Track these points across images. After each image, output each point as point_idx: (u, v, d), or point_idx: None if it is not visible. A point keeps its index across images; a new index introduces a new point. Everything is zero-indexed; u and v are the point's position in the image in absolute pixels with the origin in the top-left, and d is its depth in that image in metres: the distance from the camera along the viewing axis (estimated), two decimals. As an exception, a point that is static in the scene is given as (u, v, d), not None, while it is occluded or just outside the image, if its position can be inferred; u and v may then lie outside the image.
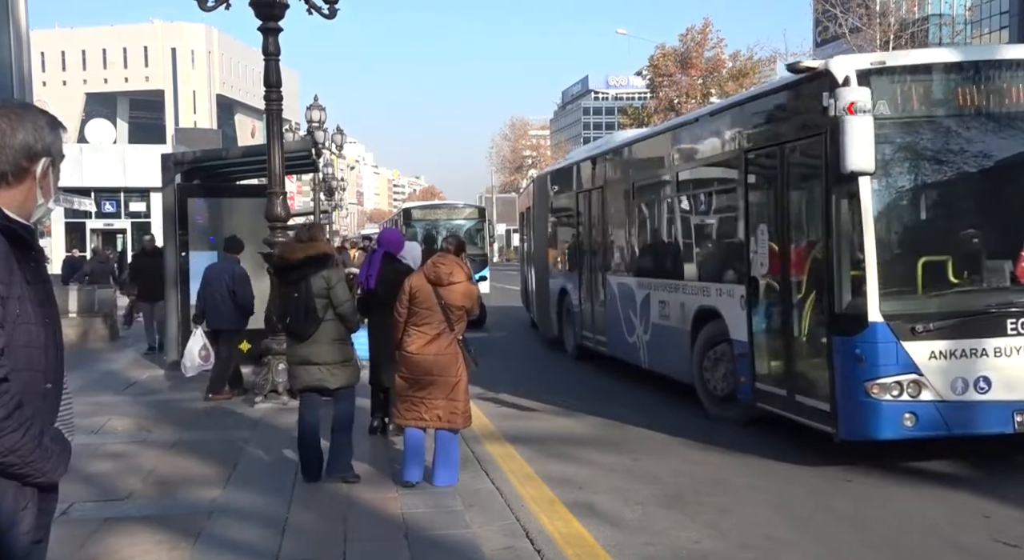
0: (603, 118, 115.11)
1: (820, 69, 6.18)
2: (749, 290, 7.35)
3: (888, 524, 5.13)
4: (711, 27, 43.68)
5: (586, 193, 12.31)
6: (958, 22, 53.04)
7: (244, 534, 4.88)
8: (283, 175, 9.21)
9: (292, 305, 5.76)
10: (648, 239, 10.48)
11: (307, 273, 5.76)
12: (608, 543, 4.83)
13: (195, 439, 7.28)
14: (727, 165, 8.15)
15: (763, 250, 7.20)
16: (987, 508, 5.31)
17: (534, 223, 15.53)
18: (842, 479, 6.11)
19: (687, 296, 8.77)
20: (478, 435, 7.24)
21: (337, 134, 27.12)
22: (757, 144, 7.43)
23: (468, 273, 5.88)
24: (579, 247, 12.61)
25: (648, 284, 9.80)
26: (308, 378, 5.82)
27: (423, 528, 4.92)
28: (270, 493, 5.61)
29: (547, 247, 14.38)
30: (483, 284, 21.45)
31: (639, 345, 10.04)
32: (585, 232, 12.39)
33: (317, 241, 5.95)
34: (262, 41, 8.89)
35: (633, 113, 47.29)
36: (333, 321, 5.79)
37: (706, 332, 8.31)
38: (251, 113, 71.80)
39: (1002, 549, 4.64)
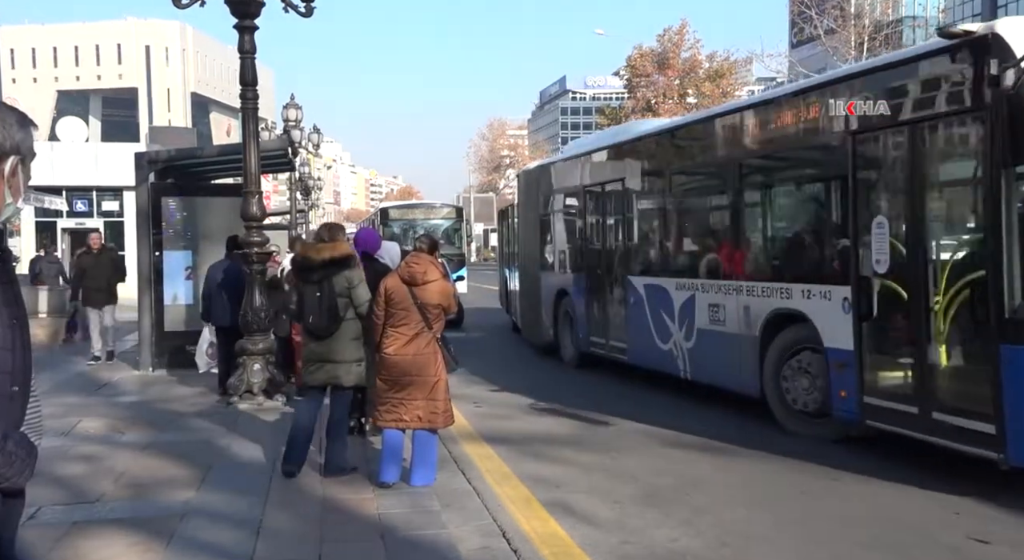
0: (581, 118, 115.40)
1: (986, 33, 5.29)
2: (858, 291, 6.41)
3: (865, 521, 5.17)
4: (688, 28, 43.98)
5: (597, 187, 11.35)
6: (932, 24, 53.78)
7: (218, 536, 4.83)
8: (259, 174, 9.14)
9: (314, 304, 5.87)
10: (693, 236, 9.67)
11: (330, 273, 5.87)
12: (585, 542, 4.83)
13: (169, 441, 7.19)
14: (822, 150, 7.20)
15: (881, 246, 6.22)
16: (958, 505, 5.37)
17: (521, 221, 14.62)
18: (816, 478, 6.15)
19: (754, 299, 7.84)
20: (456, 435, 7.22)
21: (314, 133, 26.98)
22: (874, 125, 6.37)
23: (443, 271, 5.86)
24: (586, 246, 11.79)
25: (692, 286, 8.89)
26: (323, 376, 5.95)
27: (399, 528, 4.90)
28: (245, 494, 5.55)
29: (540, 246, 13.46)
30: (461, 284, 21.42)
31: (677, 353, 9.13)
32: (595, 230, 11.55)
33: (338, 241, 6.04)
34: (238, 39, 8.82)
35: (611, 113, 47.42)
36: (353, 320, 5.92)
37: (783, 339, 7.49)
38: (227, 111, 71.23)
39: (973, 545, 4.69)
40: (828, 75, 7.99)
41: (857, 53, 34.34)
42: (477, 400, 9.34)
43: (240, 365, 8.65)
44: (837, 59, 36.17)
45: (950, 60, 5.71)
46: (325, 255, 5.91)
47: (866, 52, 34.26)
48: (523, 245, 14.47)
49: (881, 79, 6.50)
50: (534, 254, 13.65)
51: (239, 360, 8.67)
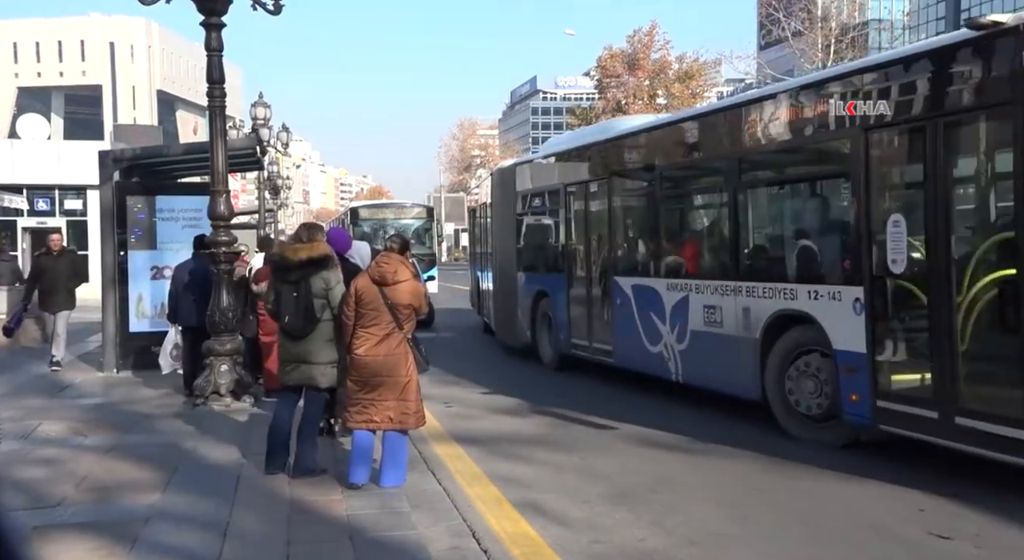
0: (551, 118, 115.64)
1: (1017, 24, 5.11)
2: (871, 292, 6.22)
3: (832, 519, 5.22)
4: (658, 29, 44.27)
5: (580, 185, 11.04)
6: (897, 27, 54.64)
7: (183, 539, 4.76)
8: (226, 173, 9.05)
9: (291, 304, 5.85)
10: (687, 236, 9.53)
11: (308, 273, 5.83)
12: (555, 542, 4.83)
13: (133, 443, 7.07)
14: (830, 146, 7.00)
15: (897, 245, 6.03)
16: (921, 501, 5.45)
17: (495, 220, 14.23)
18: (781, 473, 6.22)
19: (755, 300, 7.57)
20: (426, 436, 7.18)
21: (283, 132, 26.77)
22: (891, 120, 6.16)
23: (413, 271, 5.83)
24: (567, 246, 11.51)
25: (685, 286, 8.65)
26: (299, 376, 5.93)
27: (368, 529, 4.86)
28: (211, 496, 5.48)
29: (516, 246, 13.11)
30: (431, 284, 21.36)
31: (668, 355, 8.89)
32: (577, 229, 11.27)
33: (317, 242, 6.00)
34: (204, 36, 8.72)
35: (581, 113, 47.61)
36: (329, 321, 5.87)
37: (787, 341, 7.25)
38: (193, 109, 70.38)
39: (936, 541, 4.76)
40: (840, 68, 7.65)
41: (824, 55, 34.77)
42: (448, 400, 9.31)
43: (207, 366, 8.54)
44: (805, 61, 36.62)
45: (977, 52, 5.50)
46: (302, 255, 5.88)
47: (833, 54, 34.71)
48: (498, 245, 14.07)
49: (898, 72, 6.24)
50: (510, 254, 13.30)
51: (206, 361, 8.56)
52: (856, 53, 36.52)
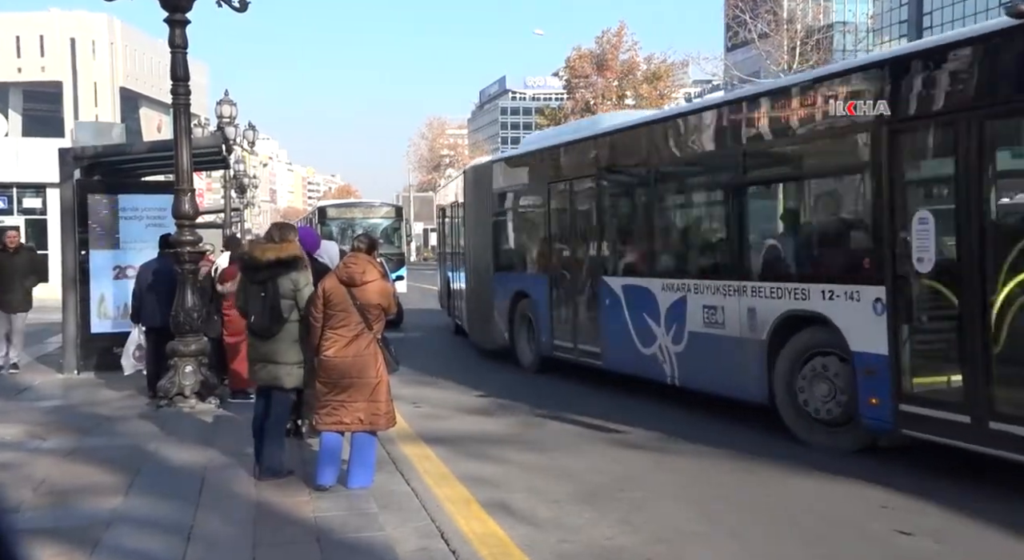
0: (520, 118, 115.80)
1: None
2: (894, 291, 6.01)
3: (795, 517, 5.28)
4: (626, 30, 44.52)
5: (566, 183, 10.72)
6: (860, 30, 55.59)
7: (146, 543, 4.68)
8: (191, 171, 8.95)
9: (257, 304, 5.85)
10: (683, 234, 9.26)
11: (276, 274, 5.80)
12: (523, 542, 4.83)
13: (94, 446, 6.95)
14: (850, 140, 6.66)
15: (924, 244, 5.79)
16: (884, 498, 5.52)
17: (469, 219, 13.76)
18: (748, 472, 6.27)
19: (761, 300, 7.34)
20: (394, 436, 7.14)
21: (249, 130, 26.51)
22: (918, 113, 5.97)
23: (381, 271, 5.79)
24: (551, 245, 11.20)
25: (682, 287, 8.36)
26: (266, 376, 5.92)
27: (336, 531, 4.82)
28: (175, 500, 5.40)
29: (493, 245, 12.71)
30: (400, 284, 21.26)
31: (663, 358, 8.63)
32: (561, 228, 10.96)
33: (288, 242, 5.95)
34: (168, 33, 8.61)
35: (550, 114, 47.72)
36: (296, 322, 5.83)
37: (798, 343, 7.03)
38: (157, 107, 69.29)
39: (899, 537, 4.83)
40: (860, 60, 7.50)
41: (790, 57, 35.23)
42: (417, 400, 9.28)
43: (171, 367, 8.43)
44: (771, 63, 37.07)
45: (1015, 42, 5.29)
46: (271, 255, 5.84)
47: (798, 56, 35.17)
48: (472, 244, 13.56)
49: (928, 63, 5.97)
50: (485, 254, 12.89)
51: (170, 362, 8.44)
52: (821, 55, 37.08)
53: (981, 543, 4.70)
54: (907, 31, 67.82)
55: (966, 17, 61.16)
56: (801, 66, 34.77)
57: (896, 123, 6.06)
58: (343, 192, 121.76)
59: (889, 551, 4.64)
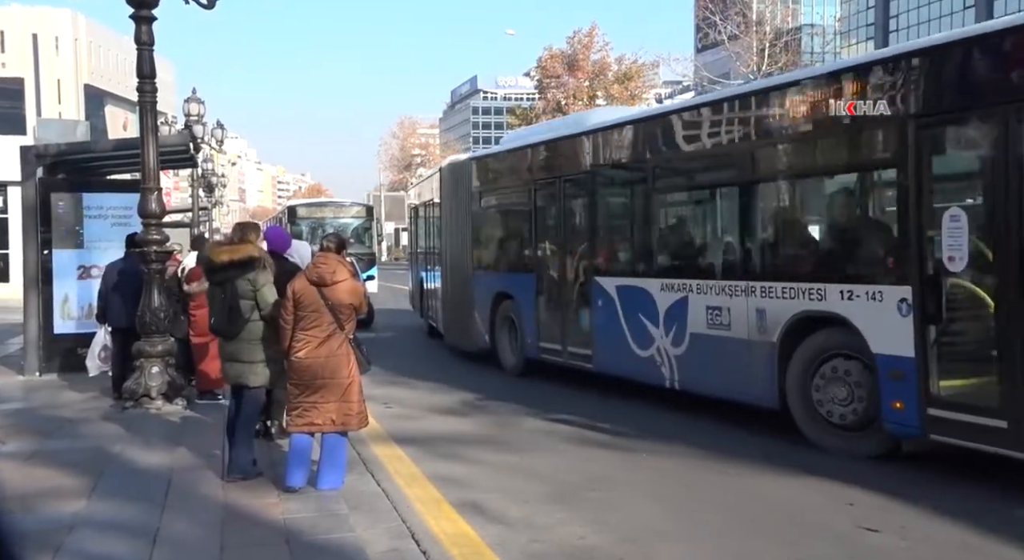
0: (492, 118, 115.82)
1: None
2: (922, 291, 5.80)
3: (763, 514, 5.32)
4: (597, 31, 44.68)
5: (552, 180, 10.42)
6: (828, 32, 56.35)
7: (110, 546, 4.61)
8: (158, 170, 8.82)
9: (217, 305, 5.95)
10: (684, 233, 9.03)
11: (232, 275, 5.83)
12: (494, 541, 4.82)
13: (56, 449, 6.82)
14: (875, 134, 6.44)
15: (956, 242, 5.57)
16: (851, 496, 5.59)
17: (446, 218, 13.30)
18: (720, 472, 6.31)
19: (772, 300, 7.11)
20: (365, 437, 7.10)
21: (217, 128, 26.19)
22: (948, 106, 5.76)
23: (351, 270, 5.75)
24: (536, 245, 10.86)
25: (683, 287, 8.11)
26: (233, 374, 5.99)
27: (305, 533, 4.78)
28: (140, 502, 5.31)
29: (472, 245, 12.29)
30: (371, 284, 21.14)
31: (661, 360, 8.39)
32: (548, 227, 10.64)
33: (245, 244, 5.96)
34: (134, 30, 8.49)
35: (522, 114, 47.77)
36: (259, 321, 5.85)
37: (813, 344, 6.80)
38: (123, 104, 68.25)
39: (864, 534, 4.89)
40: (890, 50, 7.08)
41: (759, 59, 35.58)
42: (388, 401, 9.23)
43: (138, 368, 8.30)
44: (740, 64, 37.42)
45: None
46: (224, 258, 5.88)
47: (767, 58, 35.53)
48: (449, 244, 13.14)
49: (962, 54, 5.75)
50: (463, 253, 12.50)
51: (136, 363, 8.32)
52: (790, 57, 37.50)
53: (945, 539, 4.76)
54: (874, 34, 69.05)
55: (931, 21, 62.23)
56: (770, 68, 35.15)
57: (925, 117, 5.85)
58: (313, 191, 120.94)
59: (856, 548, 4.70)
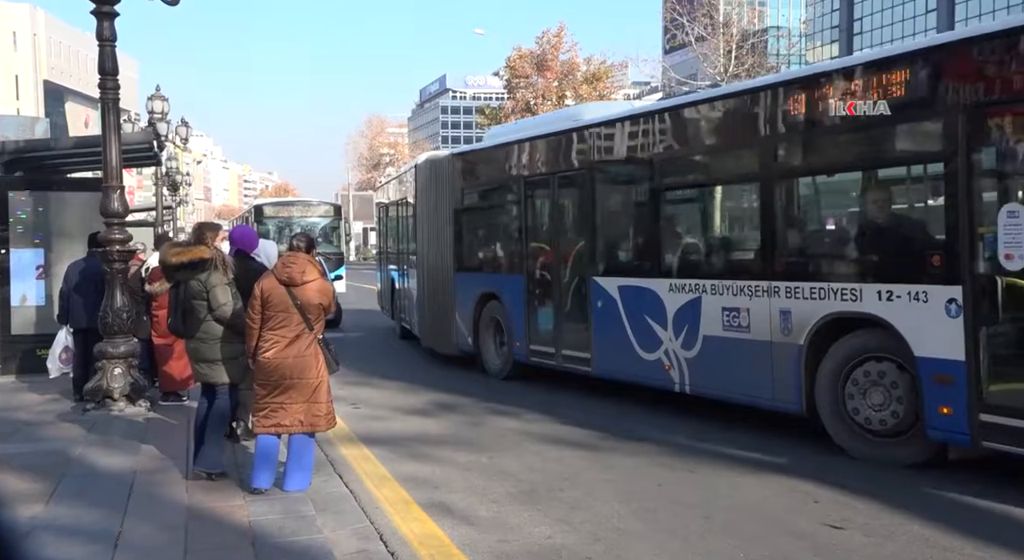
0: (461, 117, 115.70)
1: None
2: (973, 291, 5.55)
3: (730, 512, 5.36)
4: (566, 31, 44.80)
5: (547, 177, 10.00)
6: (794, 34, 57.08)
7: (69, 552, 4.51)
8: (120, 168, 8.69)
9: (173, 305, 6.11)
10: (697, 230, 8.71)
11: (184, 276, 5.94)
12: (463, 542, 4.81)
13: (13, 452, 6.68)
14: (922, 126, 6.18)
15: (1015, 239, 5.33)
16: (815, 493, 5.65)
17: (422, 217, 12.75)
18: (689, 471, 6.35)
19: (799, 302, 6.78)
20: (332, 438, 7.05)
21: (182, 126, 25.86)
22: (1008, 96, 5.42)
23: (321, 270, 5.71)
24: (526, 244, 10.39)
25: (695, 287, 7.78)
26: (199, 373, 6.10)
27: (272, 535, 4.73)
28: (101, 506, 5.22)
29: (453, 244, 11.76)
30: (339, 284, 20.98)
31: (670, 364, 8.06)
32: (540, 225, 10.32)
33: (200, 245, 5.99)
34: (96, 25, 8.35)
35: (491, 113, 47.74)
36: (211, 322, 5.89)
37: (846, 347, 6.51)
38: (84, 101, 67.13)
39: (829, 531, 4.95)
40: (938, 39, 6.60)
41: (726, 60, 35.90)
42: (356, 401, 9.17)
43: (99, 369, 8.16)
44: (708, 66, 37.73)
45: None
46: (174, 259, 5.97)
47: (734, 60, 35.87)
48: (426, 243, 12.61)
49: (1018, 42, 5.40)
50: (443, 253, 12.00)
51: (98, 364, 8.18)
52: (756, 59, 37.90)
53: (908, 536, 4.83)
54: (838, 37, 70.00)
55: (894, 24, 63.29)
56: (737, 70, 35.49)
57: (979, 107, 5.56)
58: (280, 190, 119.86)
59: (819, 544, 4.75)
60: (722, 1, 40.07)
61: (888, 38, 61.60)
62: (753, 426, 7.55)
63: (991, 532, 4.85)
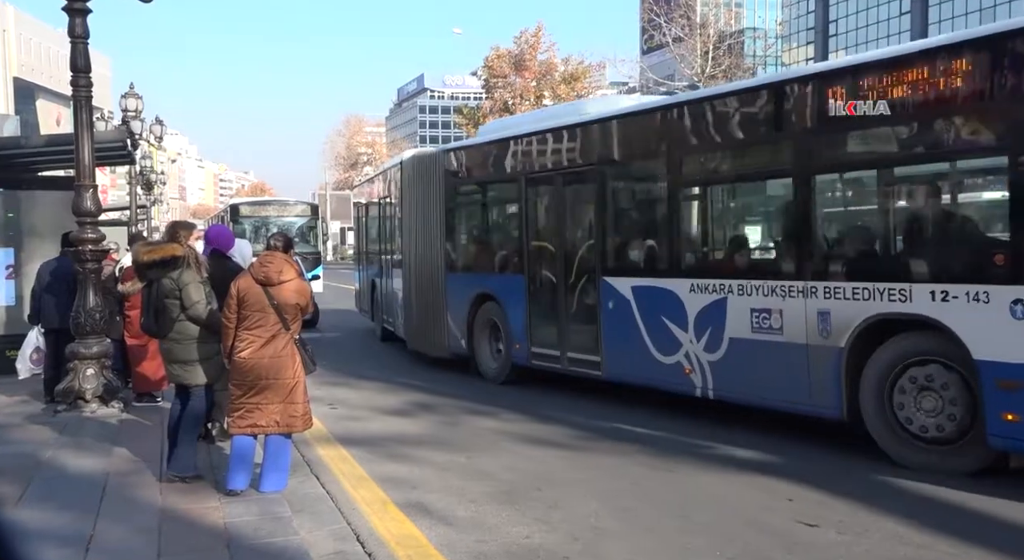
0: (439, 117, 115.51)
1: None
2: None
3: (706, 511, 5.39)
4: (544, 31, 44.85)
5: (551, 174, 9.69)
6: (770, 36, 57.57)
7: (39, 555, 4.43)
8: (93, 167, 8.59)
9: (146, 305, 6.01)
10: (724, 227, 8.41)
11: (157, 275, 5.86)
12: (441, 542, 4.80)
13: (-19, 455, 6.58)
14: (974, 116, 5.88)
15: None
16: (791, 492, 5.69)
17: (408, 216, 12.34)
18: (666, 470, 6.37)
19: (839, 302, 6.46)
20: (309, 438, 7.01)
21: (156, 125, 25.63)
22: None
23: (298, 270, 5.67)
24: (528, 242, 9.99)
25: (720, 287, 7.44)
26: (171, 374, 6.03)
27: (247, 537, 4.69)
28: (72, 509, 5.15)
29: (445, 244, 11.40)
30: (316, 284, 20.85)
31: (691, 367, 7.76)
32: (545, 224, 9.98)
33: (173, 243, 5.93)
34: (68, 22, 8.25)
35: (469, 113, 47.72)
36: (184, 321, 5.82)
37: (895, 350, 6.21)
38: (56, 99, 66.20)
39: (803, 528, 4.98)
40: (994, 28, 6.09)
41: (703, 61, 36.12)
42: (333, 402, 9.13)
43: (71, 370, 8.06)
44: (684, 66, 37.94)
45: None
46: (145, 257, 5.89)
47: (711, 61, 36.10)
48: (413, 243, 12.19)
49: None
50: (433, 253, 11.64)
51: (70, 365, 8.08)
52: (733, 60, 38.18)
53: (881, 533, 4.88)
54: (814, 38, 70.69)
55: (869, 26, 64.01)
56: (714, 70, 35.72)
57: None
58: (257, 190, 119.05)
59: (794, 542, 4.79)
60: (699, 2, 40.32)
61: (863, 40, 62.34)
62: (734, 426, 7.59)
63: (965, 529, 4.91)
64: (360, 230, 18.16)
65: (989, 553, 4.54)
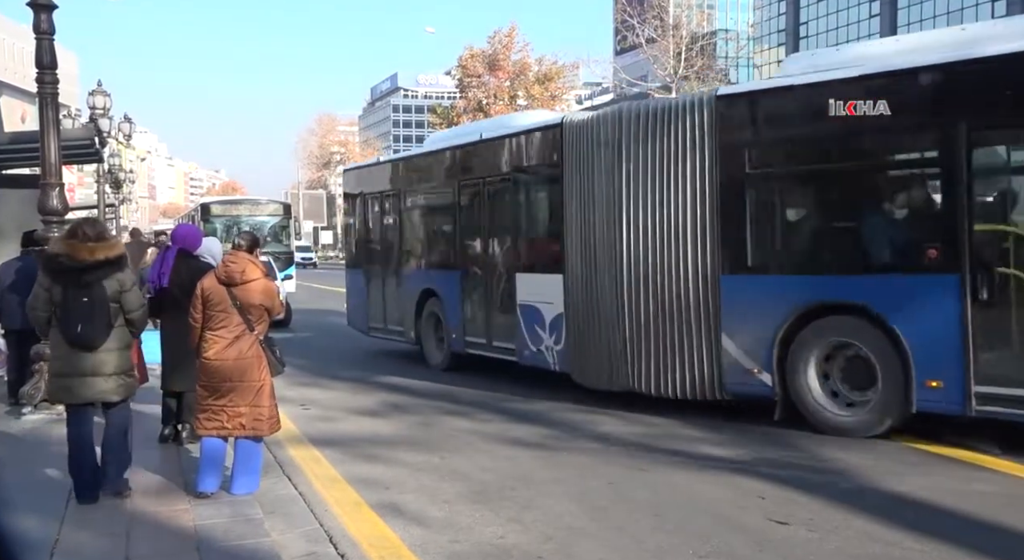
0: (413, 116, 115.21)
1: None
2: None
3: (679, 509, 5.41)
4: (517, 31, 44.91)
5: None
6: (742, 37, 58.06)
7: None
8: (60, 165, 8.44)
9: (82, 311, 5.15)
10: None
11: (101, 276, 5.20)
12: (414, 543, 4.78)
13: (-58, 460, 6.44)
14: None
15: None
16: (762, 490, 5.73)
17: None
18: (640, 469, 6.39)
19: None
20: (281, 440, 6.94)
21: (125, 122, 25.21)
22: None
23: (263, 270, 5.61)
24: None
25: None
26: (88, 392, 5.26)
27: (218, 539, 4.64)
28: (37, 514, 5.03)
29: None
30: (289, 283, 20.72)
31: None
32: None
33: (109, 240, 5.40)
34: (33, 18, 8.09)
35: (443, 113, 47.64)
36: (121, 327, 5.33)
37: None
38: (20, 96, 65.10)
39: (774, 527, 5.02)
40: None
41: (676, 62, 36.33)
42: (305, 402, 9.06)
43: (36, 372, 7.91)
44: (658, 67, 38.14)
45: None
46: (100, 255, 5.19)
47: (683, 62, 36.32)
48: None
49: None
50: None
51: (34, 367, 7.93)
52: (705, 61, 38.45)
53: (851, 531, 4.93)
54: (785, 40, 71.43)
55: (839, 28, 64.74)
56: (686, 71, 35.95)
57: None
58: (228, 189, 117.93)
59: (766, 540, 4.82)
60: (672, 3, 40.56)
61: (833, 42, 63.00)
62: (707, 424, 7.64)
63: (932, 527, 4.96)
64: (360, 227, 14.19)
65: (955, 549, 4.60)
